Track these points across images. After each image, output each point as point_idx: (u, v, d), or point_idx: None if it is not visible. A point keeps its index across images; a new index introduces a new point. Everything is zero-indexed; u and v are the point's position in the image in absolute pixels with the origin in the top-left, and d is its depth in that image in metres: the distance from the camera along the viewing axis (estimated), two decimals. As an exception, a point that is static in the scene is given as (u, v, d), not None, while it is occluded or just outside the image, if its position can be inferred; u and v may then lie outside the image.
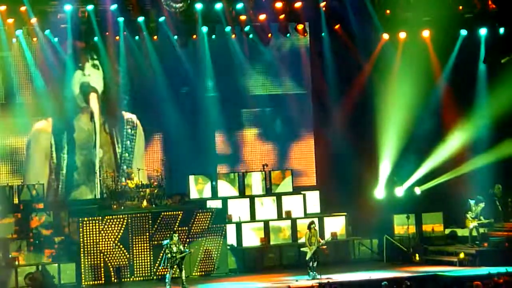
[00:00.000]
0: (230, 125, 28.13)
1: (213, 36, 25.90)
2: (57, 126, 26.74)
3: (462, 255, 24.02)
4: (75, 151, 26.72)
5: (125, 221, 23.76)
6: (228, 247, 25.09)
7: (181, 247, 21.95)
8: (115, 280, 23.01)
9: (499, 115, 25.73)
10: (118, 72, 27.24)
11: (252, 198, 26.41)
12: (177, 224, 24.05)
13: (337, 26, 26.28)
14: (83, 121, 26.94)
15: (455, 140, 26.78)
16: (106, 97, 27.00)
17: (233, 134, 28.22)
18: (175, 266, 21.76)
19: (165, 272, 23.30)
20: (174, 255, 21.81)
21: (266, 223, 25.99)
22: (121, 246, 23.64)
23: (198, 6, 24.27)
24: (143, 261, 23.88)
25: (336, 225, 26.52)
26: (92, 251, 23.69)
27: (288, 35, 26.20)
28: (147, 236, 23.87)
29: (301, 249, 23.50)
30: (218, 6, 24.56)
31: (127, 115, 27.37)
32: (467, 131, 26.72)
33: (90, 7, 23.83)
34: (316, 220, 24.74)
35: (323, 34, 26.67)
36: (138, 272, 23.72)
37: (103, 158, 26.74)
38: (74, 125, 26.77)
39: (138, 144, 27.31)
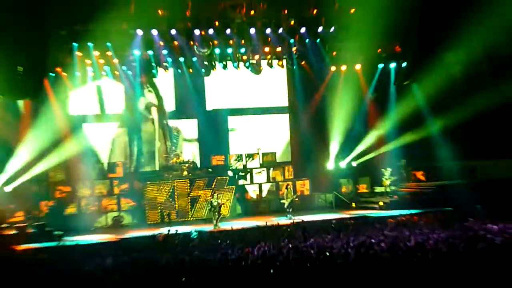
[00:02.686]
0: (237, 128, 30.51)
1: (226, 69, 28.70)
2: (131, 129, 29.22)
3: (381, 203, 27.28)
4: (142, 144, 29.13)
5: (172, 184, 27.09)
6: (237, 196, 27.71)
7: (219, 200, 24.15)
8: (167, 220, 26.38)
9: (404, 118, 28.89)
10: (168, 93, 29.87)
11: (251, 171, 29.32)
12: (204, 186, 27.31)
13: (303, 62, 29.12)
14: (147, 126, 29.65)
15: (376, 133, 29.93)
16: (160, 110, 29.73)
17: (238, 134, 30.65)
18: (216, 213, 23.97)
19: (201, 216, 26.48)
20: (214, 206, 24.21)
21: (259, 185, 29.15)
22: (170, 199, 27.01)
23: (217, 50, 27.32)
24: (184, 209, 27.13)
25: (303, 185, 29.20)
26: (152, 203, 26.89)
27: (272, 67, 29.18)
28: (186, 193, 27.25)
29: (281, 201, 26.65)
30: (229, 50, 27.69)
31: (174, 124, 29.86)
32: (383, 127, 29.74)
33: (150, 52, 27.00)
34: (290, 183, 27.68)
35: (294, 67, 29.35)
36: (180, 215, 27.07)
37: (160, 148, 29.53)
38: (142, 129, 29.52)
39: (180, 143, 29.69)
